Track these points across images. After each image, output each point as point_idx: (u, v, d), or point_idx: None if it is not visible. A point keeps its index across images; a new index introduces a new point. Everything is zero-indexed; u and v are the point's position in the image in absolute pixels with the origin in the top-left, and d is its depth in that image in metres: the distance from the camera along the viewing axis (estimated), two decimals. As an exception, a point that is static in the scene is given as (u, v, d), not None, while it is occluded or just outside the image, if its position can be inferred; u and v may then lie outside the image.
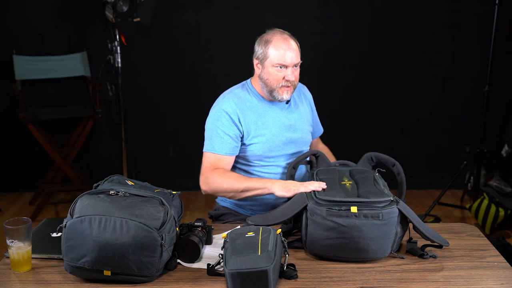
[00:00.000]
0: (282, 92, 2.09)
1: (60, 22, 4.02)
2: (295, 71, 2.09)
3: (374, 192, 1.72)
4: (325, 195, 1.70)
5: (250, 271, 1.45)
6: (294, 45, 2.08)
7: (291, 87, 2.10)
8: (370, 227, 1.62)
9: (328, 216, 1.64)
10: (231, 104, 2.11)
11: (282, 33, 2.11)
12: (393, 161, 2.08)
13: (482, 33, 3.88)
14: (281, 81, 2.07)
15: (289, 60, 2.05)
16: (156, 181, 1.96)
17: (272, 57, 2.06)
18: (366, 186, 1.79)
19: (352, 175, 1.93)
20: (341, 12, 4.08)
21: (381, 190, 1.75)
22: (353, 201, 1.65)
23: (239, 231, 1.62)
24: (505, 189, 3.78)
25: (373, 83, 4.16)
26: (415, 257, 1.71)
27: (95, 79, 3.93)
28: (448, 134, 4.26)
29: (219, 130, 2.09)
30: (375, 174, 1.90)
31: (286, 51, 2.05)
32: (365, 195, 1.70)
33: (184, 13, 4.01)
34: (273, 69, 2.07)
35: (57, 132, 4.06)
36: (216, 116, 2.11)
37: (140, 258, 1.52)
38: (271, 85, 2.09)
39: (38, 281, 1.58)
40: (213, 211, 2.30)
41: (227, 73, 2.79)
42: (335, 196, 1.69)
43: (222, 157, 2.08)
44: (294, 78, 2.08)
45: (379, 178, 1.88)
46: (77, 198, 1.60)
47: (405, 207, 1.69)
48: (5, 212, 3.88)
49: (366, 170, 1.97)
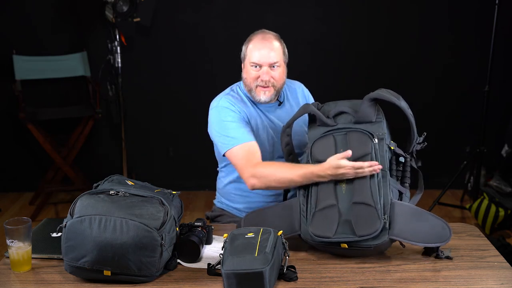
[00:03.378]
0: (259, 93, 2.05)
1: (60, 22, 4.02)
2: (272, 71, 2.03)
3: (367, 207, 1.64)
4: (313, 229, 1.67)
5: (245, 272, 1.45)
6: (275, 44, 2.03)
7: (269, 87, 2.04)
8: (362, 253, 1.68)
9: (319, 246, 1.72)
10: (227, 101, 2.08)
11: (264, 33, 2.07)
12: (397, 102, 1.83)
13: (482, 33, 3.88)
14: (256, 81, 2.03)
15: (262, 59, 2.01)
16: (156, 181, 1.96)
17: (249, 56, 2.05)
18: (361, 192, 1.68)
19: (350, 149, 1.72)
20: (341, 12, 4.08)
21: (375, 199, 1.65)
22: (342, 241, 1.65)
23: (239, 232, 1.62)
24: (505, 189, 3.78)
25: (373, 83, 4.14)
26: (416, 257, 1.71)
27: (95, 79, 3.93)
28: (448, 134, 4.26)
29: (232, 124, 2.01)
30: (373, 140, 1.74)
31: (261, 50, 2.01)
32: (356, 218, 1.64)
33: (184, 13, 4.01)
34: (249, 68, 2.04)
35: (57, 132, 4.06)
36: (220, 115, 2.05)
37: (140, 258, 1.52)
38: (249, 85, 2.06)
39: (38, 281, 1.58)
40: (210, 213, 2.30)
41: (227, 73, 2.78)
42: (324, 222, 1.67)
43: (249, 144, 1.97)
44: (268, 78, 2.02)
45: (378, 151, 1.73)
46: (77, 198, 1.60)
47: (402, 212, 1.66)
48: (5, 212, 3.88)
49: (365, 140, 1.75)
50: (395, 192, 1.73)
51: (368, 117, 1.80)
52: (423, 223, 1.68)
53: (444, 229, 1.67)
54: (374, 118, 1.80)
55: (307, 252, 1.75)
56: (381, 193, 1.67)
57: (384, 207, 1.65)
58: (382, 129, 1.79)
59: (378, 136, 1.76)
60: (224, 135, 2.02)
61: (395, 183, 1.75)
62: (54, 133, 4.01)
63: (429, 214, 1.69)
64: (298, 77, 2.33)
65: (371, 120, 1.80)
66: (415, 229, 1.66)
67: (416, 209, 1.70)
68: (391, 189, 1.70)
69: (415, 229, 1.66)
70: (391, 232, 1.63)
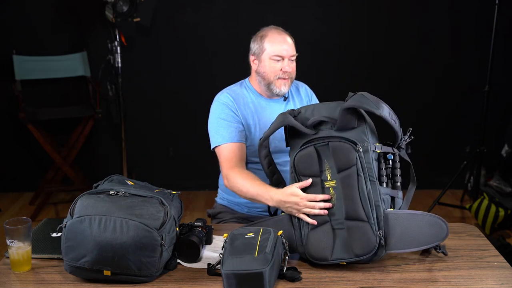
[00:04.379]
0: (279, 85, 2.12)
1: (60, 22, 4.02)
2: (291, 64, 2.13)
3: (360, 223, 1.62)
4: (310, 252, 1.66)
5: (245, 273, 1.45)
6: (289, 39, 2.14)
7: (288, 79, 2.12)
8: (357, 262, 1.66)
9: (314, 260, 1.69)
10: (228, 97, 2.15)
11: (276, 28, 2.17)
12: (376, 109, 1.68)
13: (482, 33, 3.88)
14: (278, 73, 2.10)
15: (285, 52, 2.09)
16: (156, 181, 1.96)
17: (269, 50, 2.10)
18: (352, 206, 1.63)
19: (334, 160, 1.66)
20: (341, 12, 4.08)
21: (367, 214, 1.62)
22: (336, 259, 1.63)
23: (239, 232, 1.61)
24: (505, 189, 3.78)
25: (373, 83, 4.16)
26: (415, 257, 1.71)
27: (95, 79, 3.93)
28: (448, 134, 4.26)
29: (224, 122, 2.10)
30: (357, 149, 1.65)
31: (282, 43, 2.10)
32: (351, 237, 1.62)
33: (184, 13, 4.01)
34: (270, 61, 2.10)
35: (57, 132, 4.06)
36: (216, 110, 2.14)
37: (140, 258, 1.52)
38: (269, 78, 2.12)
39: (38, 281, 1.58)
40: (211, 210, 2.33)
41: (227, 73, 2.79)
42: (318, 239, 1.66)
43: (234, 145, 2.08)
44: (290, 70, 2.12)
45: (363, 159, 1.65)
46: (77, 198, 1.60)
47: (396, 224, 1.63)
48: (5, 212, 3.88)
49: (348, 150, 1.65)
50: (386, 201, 1.68)
51: (349, 124, 1.69)
52: (419, 226, 1.64)
53: (440, 226, 1.65)
54: (355, 123, 1.69)
55: (307, 252, 1.75)
56: (373, 205, 1.62)
57: (378, 222, 1.61)
58: (366, 135, 1.68)
59: (363, 146, 1.66)
60: (215, 131, 2.11)
61: (385, 189, 1.69)
62: (54, 133, 4.02)
63: (423, 214, 1.66)
64: (298, 77, 2.33)
65: (353, 126, 1.69)
66: (412, 236, 1.64)
67: (409, 214, 1.66)
68: (382, 198, 1.64)
69: (411, 236, 1.64)
70: (387, 247, 1.62)
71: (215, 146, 2.11)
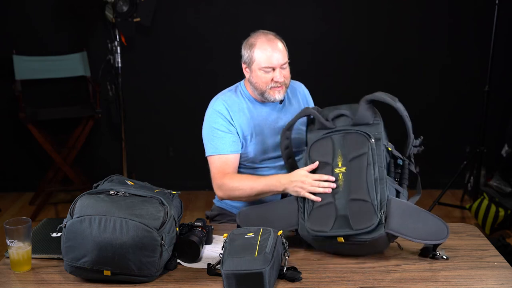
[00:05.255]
0: (273, 93, 2.07)
1: (60, 22, 4.02)
2: (283, 71, 2.06)
3: (363, 203, 1.66)
4: (310, 225, 1.71)
5: (245, 273, 1.45)
6: (280, 45, 2.05)
7: (282, 86, 2.07)
8: (358, 248, 1.68)
9: (315, 242, 1.73)
10: (223, 104, 2.11)
11: (266, 34, 2.07)
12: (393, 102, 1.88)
13: (482, 33, 3.88)
14: (270, 83, 2.05)
15: (275, 62, 2.02)
16: (156, 181, 1.96)
17: (258, 60, 2.03)
18: (358, 189, 1.70)
19: (347, 149, 1.77)
20: (341, 12, 4.08)
21: (372, 196, 1.67)
22: (338, 235, 1.66)
23: (239, 232, 1.62)
24: (505, 189, 3.78)
25: (373, 83, 4.15)
26: (415, 257, 1.71)
27: (95, 79, 3.93)
28: (448, 134, 4.26)
29: (218, 131, 2.08)
30: (371, 142, 1.76)
31: (272, 52, 2.02)
32: (353, 213, 1.66)
33: (184, 13, 4.01)
34: (260, 72, 2.04)
35: (57, 132, 4.06)
36: (211, 118, 2.11)
37: (140, 258, 1.52)
38: (261, 88, 2.07)
39: (38, 281, 1.58)
40: (210, 212, 2.31)
41: (227, 73, 2.79)
42: (321, 219, 1.70)
43: (228, 156, 2.06)
44: (283, 79, 2.05)
45: (375, 150, 1.75)
46: (77, 198, 1.60)
47: (399, 209, 1.67)
48: (5, 212, 3.88)
49: (362, 140, 1.77)
50: (392, 190, 1.74)
51: (366, 119, 1.84)
52: (420, 221, 1.68)
53: (441, 228, 1.67)
54: (372, 120, 1.85)
55: (307, 252, 1.75)
56: (378, 189, 1.69)
57: (381, 203, 1.67)
58: (379, 130, 1.82)
59: (375, 136, 1.78)
60: (209, 141, 2.10)
61: (392, 182, 1.77)
62: (54, 133, 4.02)
63: (427, 213, 1.70)
64: (298, 77, 2.33)
65: (368, 122, 1.84)
66: (412, 226, 1.66)
67: (413, 206, 1.71)
68: (388, 187, 1.71)
69: (412, 225, 1.66)
70: (387, 226, 1.64)
71: (208, 155, 2.10)
